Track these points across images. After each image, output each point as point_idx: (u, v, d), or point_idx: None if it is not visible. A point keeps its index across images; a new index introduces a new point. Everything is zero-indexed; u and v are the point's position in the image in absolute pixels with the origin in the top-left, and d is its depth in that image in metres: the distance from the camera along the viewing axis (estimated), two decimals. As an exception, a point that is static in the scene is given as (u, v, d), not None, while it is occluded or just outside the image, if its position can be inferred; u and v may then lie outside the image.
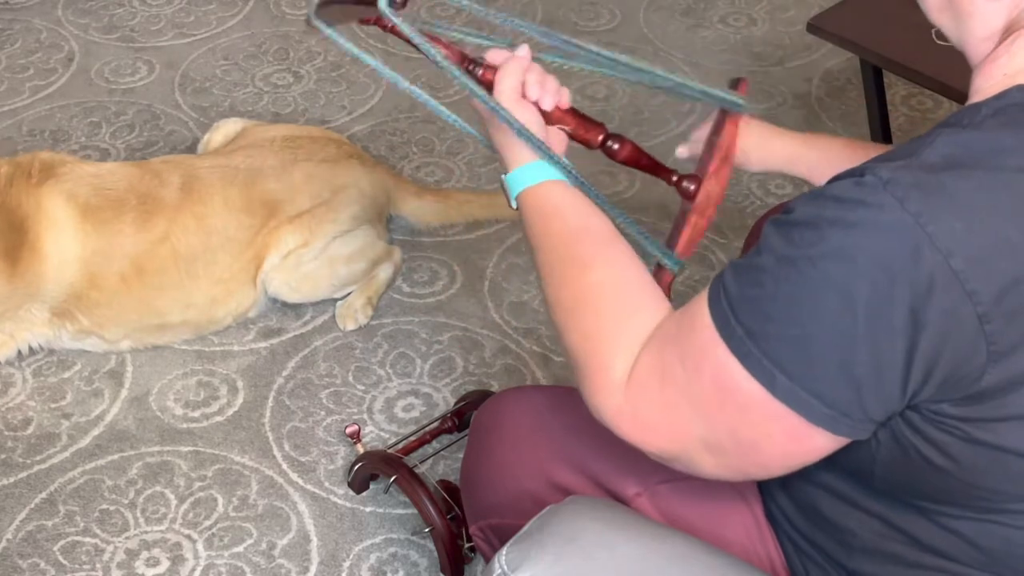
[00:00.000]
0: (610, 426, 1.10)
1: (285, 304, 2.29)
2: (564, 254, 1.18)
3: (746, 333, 0.98)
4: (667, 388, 1.05)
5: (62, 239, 2.09)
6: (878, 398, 0.96)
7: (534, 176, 1.23)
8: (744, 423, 1.01)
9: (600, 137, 1.30)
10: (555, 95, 1.26)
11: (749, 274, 1.00)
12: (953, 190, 0.92)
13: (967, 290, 0.91)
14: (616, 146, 1.30)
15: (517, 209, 1.25)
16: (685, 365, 1.03)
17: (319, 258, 2.23)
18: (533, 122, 1.23)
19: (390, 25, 1.23)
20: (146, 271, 2.14)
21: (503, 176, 1.26)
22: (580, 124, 1.29)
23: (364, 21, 1.26)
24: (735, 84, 1.37)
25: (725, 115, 1.35)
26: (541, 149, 1.22)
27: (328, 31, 1.25)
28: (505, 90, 1.24)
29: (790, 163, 1.47)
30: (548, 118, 1.26)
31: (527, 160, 1.23)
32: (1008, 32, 1.03)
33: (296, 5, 3.22)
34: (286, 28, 3.13)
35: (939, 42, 1.55)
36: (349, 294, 2.30)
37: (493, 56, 1.27)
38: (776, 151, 1.47)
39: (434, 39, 1.25)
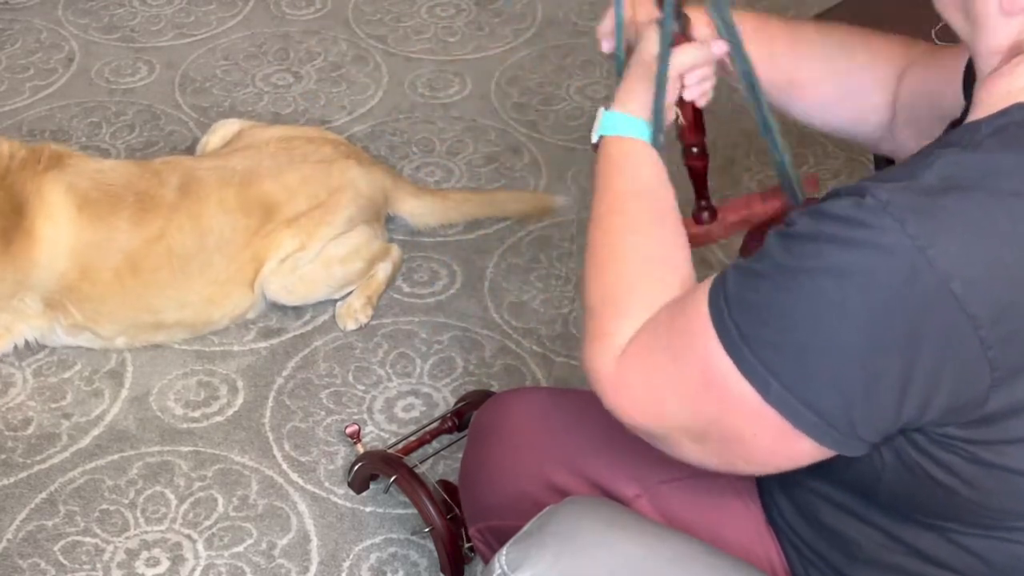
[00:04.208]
0: (596, 391, 1.11)
1: (284, 305, 2.29)
2: (618, 207, 1.19)
3: (740, 335, 0.98)
4: (650, 367, 1.06)
5: (56, 227, 2.11)
6: (868, 415, 0.96)
7: (633, 128, 1.23)
8: (728, 415, 1.01)
9: (693, 140, 1.34)
10: (700, 94, 1.29)
11: (748, 278, 1.00)
12: (951, 213, 0.92)
13: (969, 314, 0.91)
14: (696, 151, 1.35)
15: (595, 146, 1.24)
16: (672, 347, 1.04)
17: (315, 261, 2.23)
18: (670, 95, 1.24)
19: None
20: (140, 268, 2.15)
21: (603, 109, 1.25)
22: (691, 124, 1.33)
23: None
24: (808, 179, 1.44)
25: (780, 193, 1.37)
26: (657, 115, 1.22)
27: None
28: (678, 63, 1.23)
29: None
30: (678, 102, 1.29)
31: (636, 112, 1.23)
32: (1013, 53, 1.01)
33: (296, 5, 3.21)
34: (286, 28, 3.13)
35: (939, 43, 1.54)
36: (349, 294, 2.30)
37: (698, 31, 1.26)
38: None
39: None
